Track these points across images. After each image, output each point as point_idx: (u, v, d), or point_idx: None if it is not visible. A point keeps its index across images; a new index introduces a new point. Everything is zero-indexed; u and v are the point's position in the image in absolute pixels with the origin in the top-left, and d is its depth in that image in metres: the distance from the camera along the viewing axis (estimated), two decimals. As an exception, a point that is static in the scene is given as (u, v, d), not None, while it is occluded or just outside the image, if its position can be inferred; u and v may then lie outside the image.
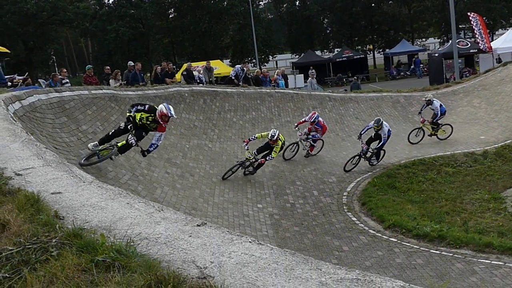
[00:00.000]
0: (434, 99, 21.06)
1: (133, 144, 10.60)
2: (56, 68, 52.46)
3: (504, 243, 11.16)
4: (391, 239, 12.25)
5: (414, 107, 24.61)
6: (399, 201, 14.77)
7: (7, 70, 25.55)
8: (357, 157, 17.53)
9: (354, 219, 13.61)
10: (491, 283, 9.83)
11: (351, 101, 24.15)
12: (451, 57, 34.97)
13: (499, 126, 21.73)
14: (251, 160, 15.19)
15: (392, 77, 50.70)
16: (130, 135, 10.54)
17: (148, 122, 10.73)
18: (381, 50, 64.29)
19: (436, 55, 41.35)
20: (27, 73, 20.63)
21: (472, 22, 37.37)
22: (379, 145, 17.43)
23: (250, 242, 3.77)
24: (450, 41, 39.84)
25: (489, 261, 10.75)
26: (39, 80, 27.25)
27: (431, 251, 11.49)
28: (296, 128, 18.18)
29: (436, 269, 10.66)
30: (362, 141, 17.45)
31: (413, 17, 64.20)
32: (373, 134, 17.71)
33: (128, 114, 10.78)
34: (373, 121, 17.45)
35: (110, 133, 10.99)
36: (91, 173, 7.94)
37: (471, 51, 40.34)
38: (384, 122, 17.35)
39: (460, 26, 55.18)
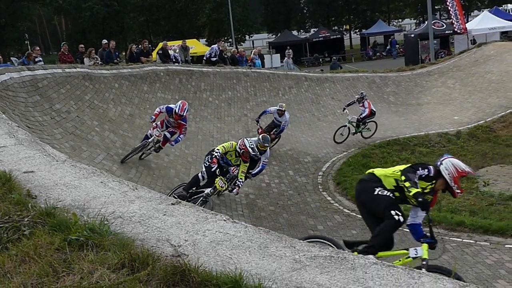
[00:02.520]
0: (287, 111, 16.42)
1: None
2: (29, 46, 51.58)
3: (476, 221, 11.35)
4: (365, 218, 12.37)
5: (389, 87, 24.78)
6: (373, 180, 14.89)
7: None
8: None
9: (329, 198, 13.71)
10: (462, 260, 10.00)
11: (327, 81, 24.18)
12: (426, 38, 35.12)
13: (473, 106, 22.00)
14: (227, 189, 10.86)
15: (368, 57, 50.83)
16: None
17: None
18: (357, 31, 64.35)
19: (412, 36, 41.50)
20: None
21: (448, 3, 37.43)
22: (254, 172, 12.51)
23: (224, 220, 3.77)
24: (426, 22, 40.02)
25: (461, 240, 10.93)
26: (11, 58, 26.79)
27: (404, 230, 11.63)
28: (154, 124, 12.45)
29: (409, 247, 10.80)
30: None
31: (390, -3, 64.31)
32: None
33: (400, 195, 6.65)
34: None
35: None
36: (64, 152, 7.86)
37: (446, 32, 40.61)
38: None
39: (436, 7, 55.37)
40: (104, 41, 20.46)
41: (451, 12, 37.85)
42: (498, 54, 25.78)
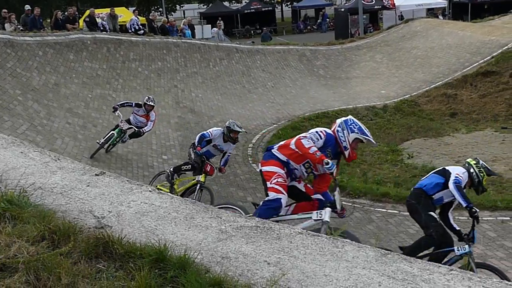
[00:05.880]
0: None
1: None
2: None
3: (400, 192, 11.70)
4: (294, 189, 12.54)
5: (319, 60, 25.04)
6: (302, 152, 15.10)
7: None
8: None
9: (258, 170, 13.79)
10: (386, 230, 10.34)
11: (258, 53, 24.17)
12: (356, 13, 35.66)
13: (399, 81, 22.60)
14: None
15: (299, 30, 51.04)
16: None
17: None
18: (289, 3, 64.41)
19: (342, 10, 42.04)
20: None
21: (377, -21, 38.15)
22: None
23: (150, 191, 3.72)
24: (356, -3, 40.60)
25: (385, 210, 11.27)
26: None
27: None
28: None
29: (336, 218, 11.05)
30: None
31: (321, -30, 64.46)
32: None
33: None
34: None
35: None
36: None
37: (375, 7, 41.30)
38: None
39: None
40: (27, 6, 19.60)
41: (380, -12, 38.54)
42: (424, 30, 26.54)
